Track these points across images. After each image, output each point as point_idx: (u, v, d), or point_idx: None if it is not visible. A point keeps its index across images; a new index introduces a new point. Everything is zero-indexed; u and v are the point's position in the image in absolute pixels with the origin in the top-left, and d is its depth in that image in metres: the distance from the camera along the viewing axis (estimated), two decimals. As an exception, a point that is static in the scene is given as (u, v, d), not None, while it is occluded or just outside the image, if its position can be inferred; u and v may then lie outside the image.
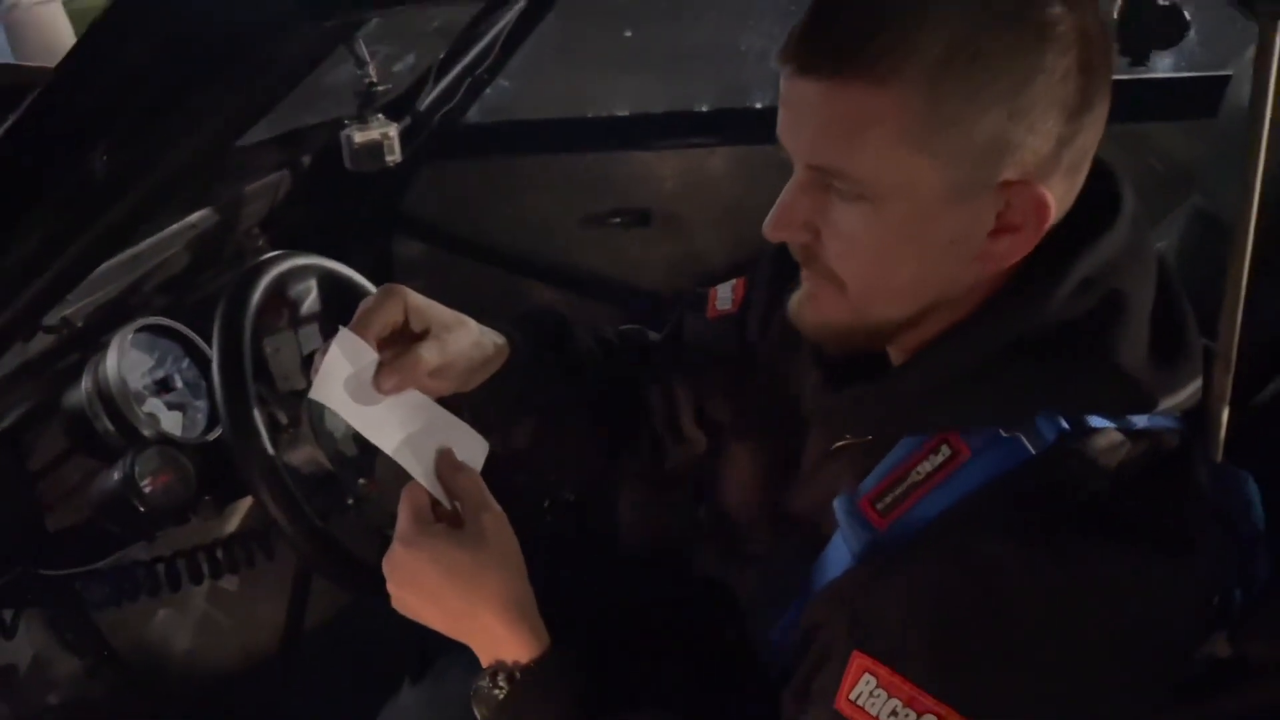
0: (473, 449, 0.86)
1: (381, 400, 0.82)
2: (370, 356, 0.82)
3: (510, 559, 0.82)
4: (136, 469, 1.07)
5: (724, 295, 1.08)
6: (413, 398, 0.84)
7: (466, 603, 0.79)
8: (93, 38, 0.79)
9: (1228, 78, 1.06)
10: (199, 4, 0.76)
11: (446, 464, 0.83)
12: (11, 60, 4.83)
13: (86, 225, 0.92)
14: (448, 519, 0.83)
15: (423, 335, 0.86)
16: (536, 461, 1.05)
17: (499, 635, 0.80)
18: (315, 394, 0.81)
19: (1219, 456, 0.78)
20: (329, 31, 0.90)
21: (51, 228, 0.91)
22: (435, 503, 0.83)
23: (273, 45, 0.81)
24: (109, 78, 0.81)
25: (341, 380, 0.80)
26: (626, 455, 1.11)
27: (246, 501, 1.38)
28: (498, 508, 0.83)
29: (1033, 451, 0.70)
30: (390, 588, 0.82)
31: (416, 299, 0.86)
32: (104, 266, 1.28)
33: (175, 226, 1.47)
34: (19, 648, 1.21)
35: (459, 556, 0.79)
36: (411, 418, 0.83)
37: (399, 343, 0.85)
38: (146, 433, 1.14)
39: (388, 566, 0.81)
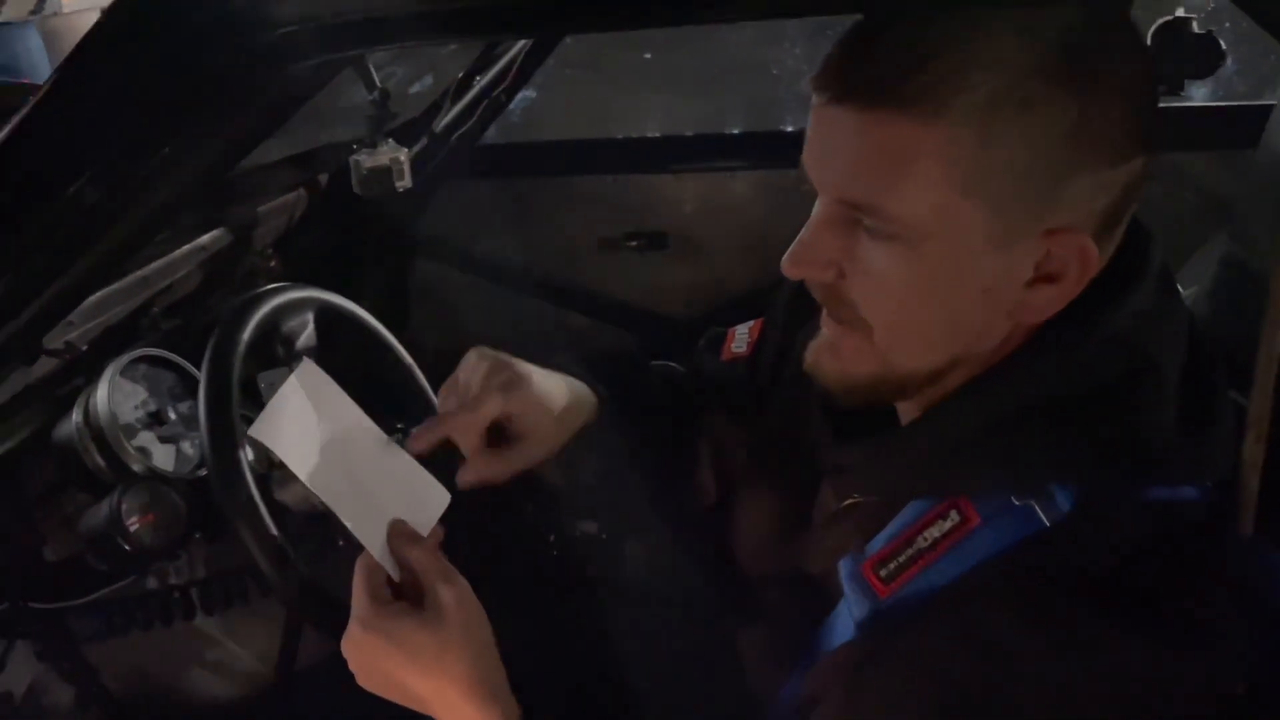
0: (431, 501, 0.82)
1: (334, 446, 0.76)
2: (338, 398, 0.75)
3: (473, 635, 0.78)
4: (124, 506, 1.05)
5: (740, 336, 1.04)
6: (371, 444, 0.79)
7: (432, 684, 0.76)
8: (78, 60, 0.76)
9: (1269, 108, 1.01)
10: (187, 28, 0.73)
11: (399, 537, 0.80)
12: (48, 67, 4.90)
13: (74, 253, 0.89)
14: (408, 594, 0.79)
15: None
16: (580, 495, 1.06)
17: (468, 715, 0.77)
18: (257, 431, 0.74)
19: (1249, 530, 0.72)
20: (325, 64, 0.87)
21: (36, 255, 0.89)
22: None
23: (267, 72, 0.78)
24: (96, 101, 0.78)
25: (295, 420, 0.74)
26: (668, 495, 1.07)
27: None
28: (459, 580, 0.79)
29: (1046, 523, 0.65)
30: (352, 668, 0.79)
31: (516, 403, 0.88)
32: (111, 289, 1.26)
33: (186, 248, 1.46)
34: (7, 681, 1.19)
35: (420, 640, 0.75)
36: (365, 469, 0.78)
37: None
38: (136, 468, 1.12)
39: (347, 648, 0.78)
